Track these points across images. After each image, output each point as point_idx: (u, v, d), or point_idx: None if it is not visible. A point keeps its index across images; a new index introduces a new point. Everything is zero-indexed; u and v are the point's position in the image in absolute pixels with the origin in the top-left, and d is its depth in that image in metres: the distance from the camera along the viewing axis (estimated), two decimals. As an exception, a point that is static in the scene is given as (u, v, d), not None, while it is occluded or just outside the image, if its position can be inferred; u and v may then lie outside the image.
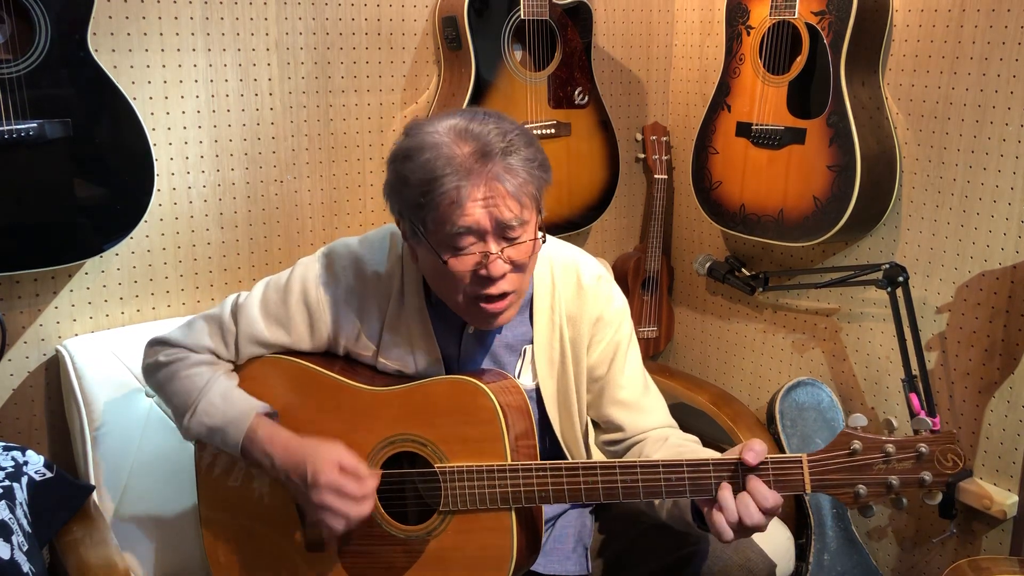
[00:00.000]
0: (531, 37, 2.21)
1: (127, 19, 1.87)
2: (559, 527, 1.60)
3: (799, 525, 2.24)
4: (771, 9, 2.12)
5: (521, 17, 2.16)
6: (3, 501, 1.51)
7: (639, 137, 2.65)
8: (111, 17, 1.85)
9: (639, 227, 2.77)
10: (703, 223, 2.63)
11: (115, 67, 1.87)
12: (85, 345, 1.84)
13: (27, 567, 1.45)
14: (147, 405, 1.84)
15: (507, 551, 1.36)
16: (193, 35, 1.95)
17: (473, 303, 1.36)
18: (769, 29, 2.15)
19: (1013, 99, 1.91)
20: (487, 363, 1.51)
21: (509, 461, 1.36)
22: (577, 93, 2.31)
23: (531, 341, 1.51)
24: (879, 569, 2.25)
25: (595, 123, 2.37)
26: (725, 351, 2.67)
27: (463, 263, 1.33)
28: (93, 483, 1.77)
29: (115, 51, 1.87)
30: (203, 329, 1.52)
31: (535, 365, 1.51)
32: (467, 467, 1.36)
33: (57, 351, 1.86)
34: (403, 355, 1.49)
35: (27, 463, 1.63)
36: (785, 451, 2.27)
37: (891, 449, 1.23)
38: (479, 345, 1.50)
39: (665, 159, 2.60)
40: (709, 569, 1.45)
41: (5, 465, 1.60)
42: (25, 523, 1.54)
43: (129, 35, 1.88)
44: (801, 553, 2.20)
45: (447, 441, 1.38)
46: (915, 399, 2.00)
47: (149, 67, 1.91)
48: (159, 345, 1.55)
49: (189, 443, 1.54)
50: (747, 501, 1.24)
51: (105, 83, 1.74)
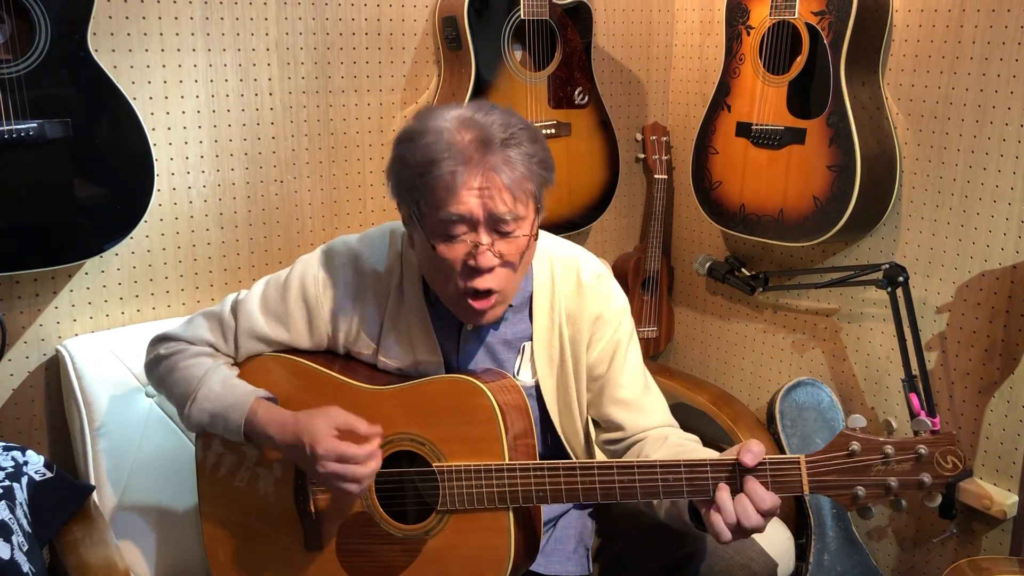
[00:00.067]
0: (531, 37, 2.21)
1: (127, 19, 1.87)
2: (560, 527, 1.59)
3: (799, 525, 2.23)
4: (771, 9, 2.12)
5: (521, 17, 2.16)
6: (3, 501, 1.51)
7: (639, 137, 2.65)
8: (111, 17, 1.85)
9: (639, 227, 2.77)
10: (703, 223, 2.63)
11: (115, 67, 1.87)
12: (85, 345, 1.84)
13: (27, 567, 1.45)
14: (147, 405, 1.84)
15: (505, 551, 1.36)
16: (193, 35, 1.95)
17: (461, 296, 1.36)
18: (769, 29, 2.15)
19: (1013, 99, 1.91)
20: (485, 360, 1.51)
21: (507, 461, 1.35)
22: (577, 93, 2.31)
23: (530, 338, 1.51)
24: (879, 569, 2.25)
25: (595, 123, 2.37)
26: (725, 351, 2.67)
27: (452, 251, 1.32)
28: (93, 483, 1.77)
29: (115, 51, 1.87)
30: (203, 324, 1.53)
31: (534, 362, 1.51)
32: (465, 466, 1.36)
33: (57, 351, 1.86)
34: (403, 351, 1.49)
35: (27, 463, 1.63)
36: (785, 451, 2.27)
37: (890, 450, 1.22)
38: (477, 342, 1.50)
39: (665, 159, 2.60)
40: (710, 568, 1.44)
41: (5, 465, 1.60)
42: (25, 523, 1.54)
43: (129, 35, 1.88)
44: (801, 553, 2.20)
45: (445, 440, 1.38)
46: (915, 399, 2.00)
47: (149, 67, 1.91)
48: (160, 341, 1.56)
49: (189, 443, 1.55)
50: (745, 503, 1.23)
51: (105, 83, 1.75)
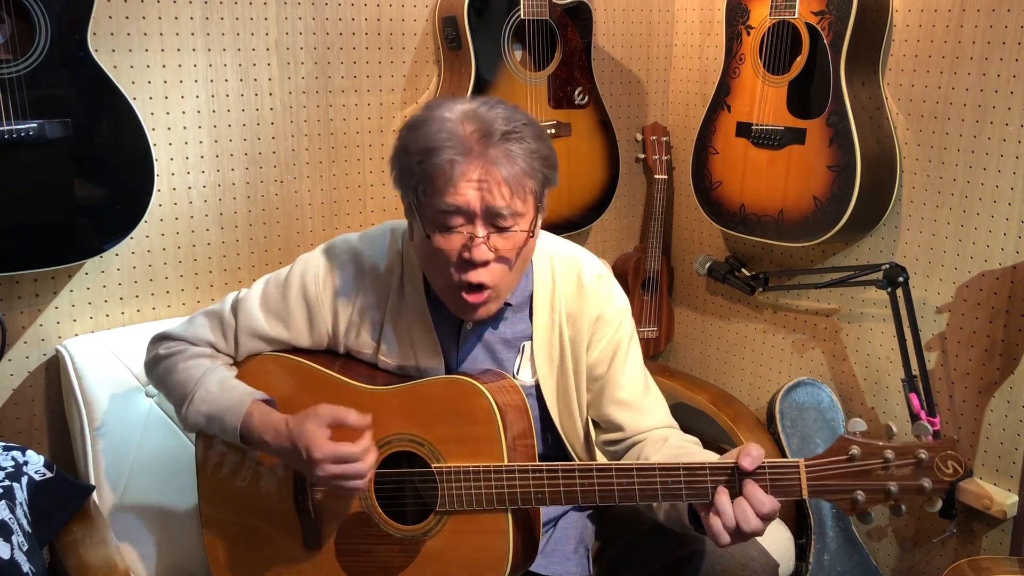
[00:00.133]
0: (531, 37, 2.21)
1: (127, 19, 1.87)
2: (560, 528, 1.59)
3: (799, 525, 2.23)
4: (771, 9, 2.12)
5: (521, 17, 2.16)
6: (3, 501, 1.51)
7: (639, 137, 2.65)
8: (111, 17, 1.85)
9: (639, 227, 2.77)
10: (703, 223, 2.63)
11: (115, 67, 1.87)
12: (85, 345, 1.84)
13: (27, 567, 1.45)
14: (147, 405, 1.84)
15: (503, 552, 1.36)
16: (193, 35, 1.95)
17: (455, 289, 1.36)
18: (769, 29, 2.15)
19: (1013, 99, 1.91)
20: (485, 359, 1.51)
21: (506, 462, 1.35)
22: (577, 93, 2.30)
23: (530, 338, 1.51)
24: (879, 569, 2.25)
25: (595, 123, 2.37)
26: (725, 351, 2.67)
27: (448, 242, 1.32)
28: (93, 483, 1.77)
29: (115, 51, 1.87)
30: (203, 324, 1.53)
31: (534, 362, 1.51)
32: (463, 467, 1.36)
33: (57, 351, 1.86)
34: (402, 350, 1.49)
35: (27, 463, 1.63)
36: (785, 451, 2.27)
37: (890, 455, 1.21)
38: (477, 340, 1.50)
39: (665, 159, 2.60)
40: (711, 569, 1.44)
41: (5, 465, 1.60)
42: (25, 523, 1.54)
43: (129, 35, 1.88)
44: (801, 553, 2.20)
45: (444, 441, 1.38)
46: (915, 399, 2.00)
47: (149, 67, 1.91)
48: (160, 340, 1.56)
49: (189, 443, 1.54)
50: (744, 507, 1.23)
51: (105, 83, 1.75)
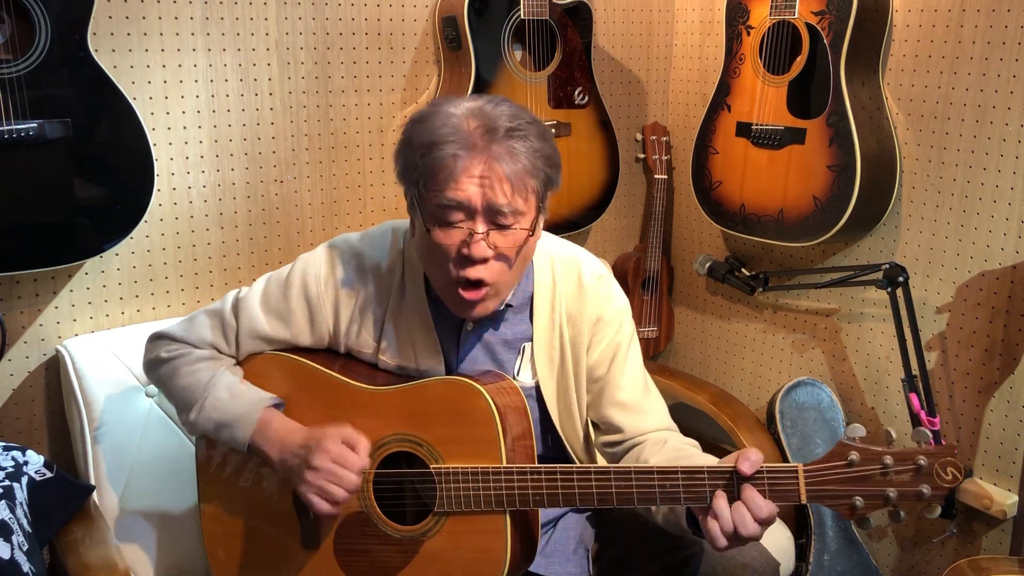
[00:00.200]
0: (531, 37, 2.21)
1: (127, 19, 1.87)
2: (560, 529, 1.59)
3: (799, 525, 2.24)
4: (771, 9, 2.12)
5: (521, 17, 2.16)
6: (3, 501, 1.51)
7: (639, 137, 2.65)
8: (111, 17, 1.85)
9: (639, 227, 2.77)
10: (703, 223, 2.63)
11: (115, 67, 1.87)
12: (85, 345, 1.84)
13: (27, 567, 1.45)
14: (147, 405, 1.84)
15: (501, 554, 1.36)
16: (193, 35, 1.95)
17: (453, 286, 1.36)
18: (769, 29, 2.15)
19: (1013, 99, 1.91)
20: (486, 359, 1.51)
21: (504, 463, 1.35)
22: (577, 93, 2.30)
23: (530, 338, 1.51)
24: (879, 569, 2.25)
25: (595, 123, 2.37)
26: (725, 351, 2.67)
27: (448, 236, 1.32)
28: (93, 483, 1.77)
29: (115, 51, 1.87)
30: (204, 324, 1.52)
31: (535, 363, 1.51)
32: (462, 468, 1.36)
33: (57, 351, 1.86)
34: (403, 349, 1.49)
35: (27, 463, 1.63)
36: (785, 451, 2.27)
37: (889, 461, 1.21)
38: (478, 341, 1.50)
39: (665, 159, 2.60)
40: (712, 569, 1.44)
41: (5, 465, 1.60)
42: (25, 523, 1.54)
43: (129, 35, 1.88)
44: (801, 553, 2.20)
45: (443, 442, 1.38)
46: (915, 399, 2.00)
47: (149, 67, 1.91)
48: (160, 340, 1.55)
49: (189, 443, 1.54)
50: (742, 511, 1.23)
51: (105, 83, 1.74)
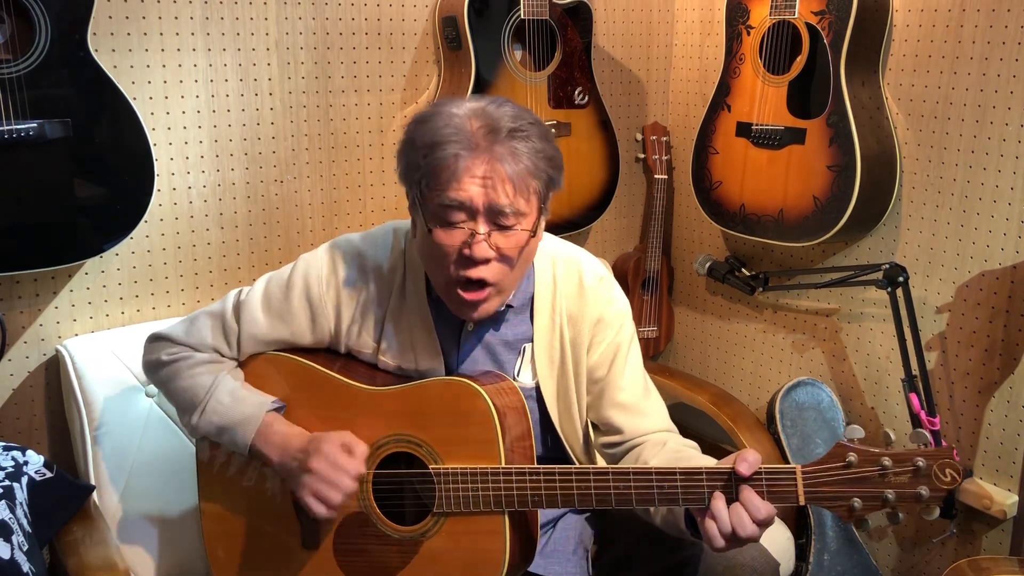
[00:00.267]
0: (531, 37, 2.21)
1: (127, 19, 1.87)
2: (560, 529, 1.59)
3: (799, 525, 2.24)
4: (771, 9, 2.12)
5: (521, 17, 2.16)
6: (3, 501, 1.51)
7: (639, 137, 2.65)
8: (111, 17, 1.85)
9: (639, 227, 2.77)
10: (703, 223, 2.63)
11: (115, 67, 1.87)
12: (85, 345, 1.84)
13: (27, 567, 1.45)
14: (147, 405, 1.84)
15: (500, 554, 1.36)
16: (193, 35, 1.95)
17: (453, 286, 1.36)
18: (769, 29, 2.15)
19: (1013, 99, 1.91)
20: (486, 360, 1.51)
21: (503, 464, 1.35)
22: (577, 93, 2.30)
23: (531, 339, 1.51)
24: (879, 569, 2.25)
25: (595, 123, 2.37)
26: (725, 351, 2.67)
27: (449, 237, 1.32)
28: (93, 483, 1.77)
29: (115, 51, 1.87)
30: (205, 326, 1.52)
31: (535, 364, 1.51)
32: (461, 469, 1.36)
33: (57, 351, 1.86)
34: (403, 350, 1.49)
35: (27, 463, 1.63)
36: (785, 451, 2.27)
37: (888, 462, 1.21)
38: (478, 342, 1.50)
39: (665, 159, 2.60)
40: (712, 569, 1.44)
41: (5, 465, 1.60)
42: (25, 523, 1.54)
43: (129, 35, 1.88)
44: (801, 553, 2.20)
45: (442, 442, 1.38)
46: (915, 399, 2.00)
47: (149, 67, 1.91)
48: (160, 341, 1.54)
49: (189, 443, 1.54)
50: (740, 512, 1.23)
51: (105, 83, 1.74)
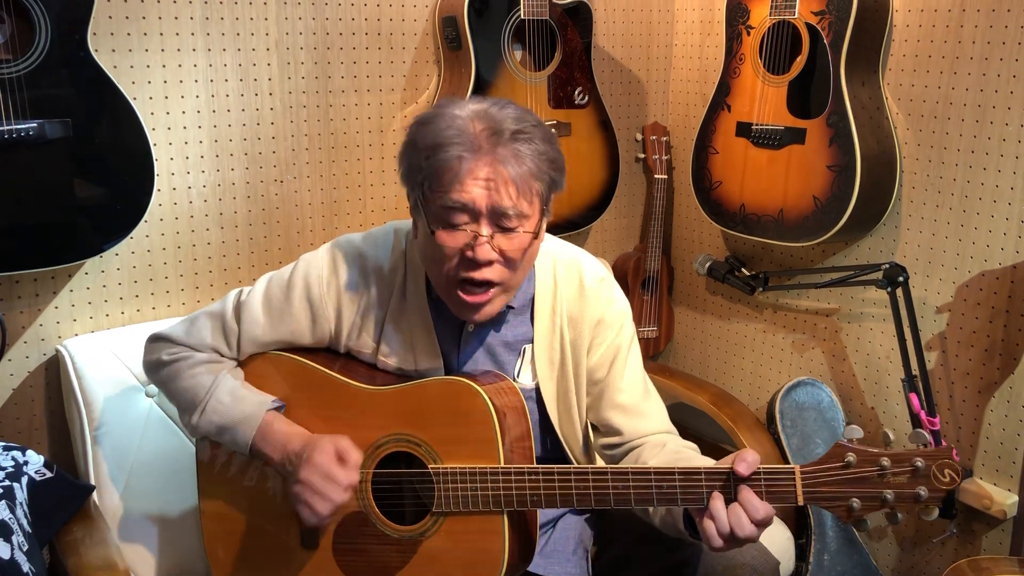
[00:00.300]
0: (531, 37, 2.21)
1: (127, 19, 1.87)
2: (559, 529, 1.59)
3: (799, 525, 2.24)
4: (771, 9, 2.12)
5: (521, 17, 2.16)
6: (3, 501, 1.51)
7: (639, 137, 2.65)
8: (111, 17, 1.85)
9: (639, 227, 2.77)
10: (703, 223, 2.63)
11: (115, 67, 1.87)
12: (85, 345, 1.84)
13: (27, 567, 1.45)
14: (147, 405, 1.84)
15: (499, 554, 1.36)
16: (193, 35, 1.95)
17: (455, 287, 1.36)
18: (769, 29, 2.15)
19: (1013, 99, 1.91)
20: (486, 361, 1.51)
21: (503, 463, 1.35)
22: (577, 93, 2.30)
23: (531, 340, 1.51)
24: (879, 569, 2.25)
25: (595, 123, 2.37)
26: (725, 351, 2.67)
27: (452, 239, 1.32)
28: (93, 483, 1.77)
29: (115, 51, 1.87)
30: (205, 327, 1.52)
31: (535, 365, 1.51)
32: (460, 469, 1.36)
33: (57, 351, 1.86)
34: (403, 351, 1.49)
35: (27, 463, 1.63)
36: (785, 451, 2.27)
37: (886, 463, 1.21)
38: (478, 343, 1.50)
39: (665, 159, 2.60)
40: (712, 569, 1.44)
41: (5, 465, 1.60)
42: (25, 523, 1.54)
43: (129, 35, 1.88)
44: (801, 553, 2.20)
45: (441, 442, 1.38)
46: (915, 399, 2.00)
47: (149, 67, 1.91)
48: (161, 342, 1.54)
49: (189, 443, 1.54)
50: (738, 512, 1.23)
51: (105, 83, 1.74)
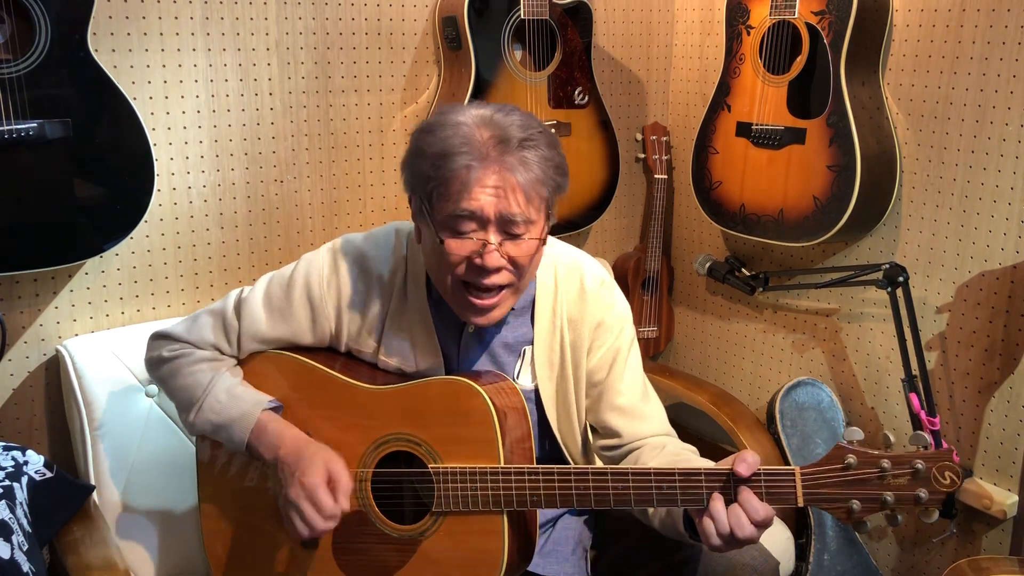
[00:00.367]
0: (531, 37, 2.21)
1: (127, 19, 1.87)
2: (559, 529, 1.59)
3: (799, 525, 2.24)
4: (771, 9, 2.12)
5: (521, 17, 2.16)
6: (3, 501, 1.51)
7: (639, 137, 2.65)
8: (111, 17, 1.85)
9: (639, 227, 2.77)
10: (703, 223, 2.63)
11: (115, 67, 1.87)
12: (85, 345, 1.84)
13: (27, 567, 1.45)
14: (147, 405, 1.84)
15: (499, 554, 1.36)
16: (193, 35, 1.95)
17: (462, 292, 1.36)
18: (769, 29, 2.15)
19: (1013, 99, 1.91)
20: (486, 362, 1.51)
21: (502, 463, 1.35)
22: (577, 93, 2.30)
23: (531, 342, 1.51)
24: (879, 569, 2.25)
25: (595, 123, 2.37)
26: (725, 351, 2.67)
27: (460, 247, 1.32)
28: (93, 483, 1.77)
29: (115, 51, 1.87)
30: (206, 324, 1.52)
31: (534, 366, 1.51)
32: (460, 468, 1.36)
33: (57, 351, 1.86)
34: (403, 352, 1.49)
35: (27, 463, 1.63)
36: (785, 451, 2.27)
37: (887, 465, 1.21)
38: (479, 344, 1.50)
39: (665, 159, 2.60)
40: (712, 569, 1.44)
41: (5, 465, 1.60)
42: (25, 523, 1.54)
43: (129, 35, 1.88)
44: (801, 553, 2.20)
45: (441, 442, 1.38)
46: (915, 399, 2.00)
47: (149, 67, 1.91)
48: (162, 339, 1.55)
49: (189, 443, 1.54)
50: (738, 513, 1.23)
51: (105, 83, 1.74)
